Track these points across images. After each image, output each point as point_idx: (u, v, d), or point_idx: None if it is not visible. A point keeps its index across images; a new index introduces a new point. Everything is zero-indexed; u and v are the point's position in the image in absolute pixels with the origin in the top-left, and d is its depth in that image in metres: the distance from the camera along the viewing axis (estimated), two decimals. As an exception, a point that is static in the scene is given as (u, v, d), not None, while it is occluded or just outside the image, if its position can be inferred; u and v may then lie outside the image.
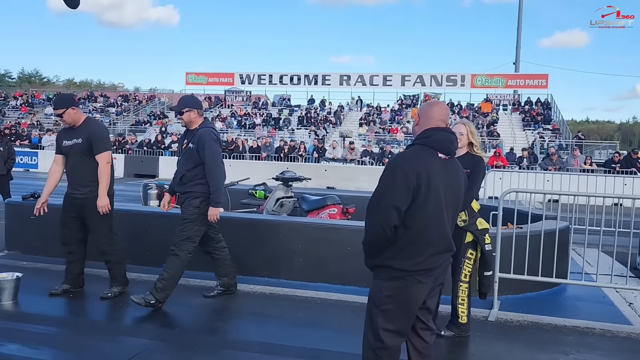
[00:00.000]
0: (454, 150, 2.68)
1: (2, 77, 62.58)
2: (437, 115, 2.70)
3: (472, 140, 4.06)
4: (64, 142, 4.88)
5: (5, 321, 4.25)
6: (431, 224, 2.53)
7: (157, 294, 4.44)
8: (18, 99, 33.51)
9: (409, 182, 2.46)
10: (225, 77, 33.09)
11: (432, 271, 2.58)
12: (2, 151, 8.85)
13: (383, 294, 2.56)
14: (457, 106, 27.86)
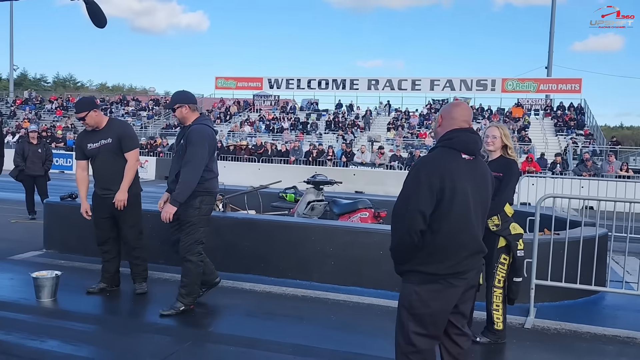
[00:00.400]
0: (478, 151, 2.63)
1: (37, 81, 64.43)
2: (460, 116, 2.65)
3: (507, 142, 4.01)
4: (88, 145, 4.90)
5: (46, 318, 4.36)
6: (459, 226, 2.50)
7: (185, 300, 4.46)
8: (53, 103, 34.41)
9: (432, 186, 2.43)
10: (254, 82, 33.37)
11: (464, 274, 2.54)
12: (40, 153, 9.09)
13: (414, 298, 2.53)
14: (488, 111, 27.51)
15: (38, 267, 5.42)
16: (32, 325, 4.17)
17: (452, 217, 2.47)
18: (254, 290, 5.24)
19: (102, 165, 4.90)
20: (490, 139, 4.04)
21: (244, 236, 5.73)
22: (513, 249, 3.92)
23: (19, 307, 4.57)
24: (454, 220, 2.48)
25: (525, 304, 4.70)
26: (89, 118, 4.82)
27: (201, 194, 4.43)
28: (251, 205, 7.29)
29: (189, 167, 4.30)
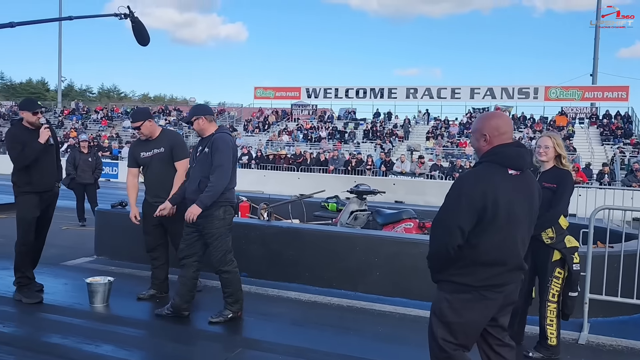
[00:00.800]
0: (526, 165, 2.57)
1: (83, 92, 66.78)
2: (509, 129, 2.60)
3: (560, 152, 3.91)
4: (141, 154, 5.07)
5: (99, 323, 4.48)
6: (499, 243, 2.47)
7: (232, 307, 4.50)
8: (99, 113, 35.55)
9: (474, 204, 2.42)
10: (292, 91, 33.71)
11: (499, 287, 2.52)
12: (91, 162, 9.40)
13: (444, 305, 2.54)
14: (530, 119, 26.96)
15: (90, 273, 5.58)
16: (87, 329, 4.29)
17: (492, 233, 2.46)
18: (299, 299, 5.26)
19: (153, 174, 5.05)
20: (543, 149, 3.95)
21: (289, 245, 5.77)
22: (569, 263, 3.81)
23: (74, 311, 4.72)
24: (494, 236, 2.46)
25: (579, 319, 4.55)
26: (144, 128, 4.98)
27: (224, 204, 4.44)
28: (295, 215, 7.33)
29: (219, 172, 4.31)
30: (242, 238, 5.92)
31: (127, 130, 31.10)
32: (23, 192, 4.86)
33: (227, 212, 4.48)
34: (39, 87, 64.69)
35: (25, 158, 4.76)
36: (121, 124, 32.79)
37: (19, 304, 4.81)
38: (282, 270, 5.74)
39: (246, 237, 5.92)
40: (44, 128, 4.85)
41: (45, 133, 4.83)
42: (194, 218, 4.32)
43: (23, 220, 4.88)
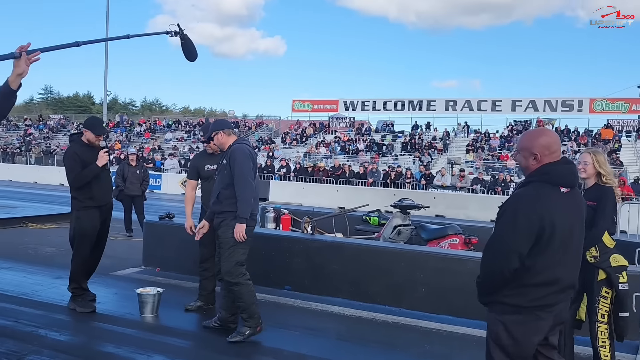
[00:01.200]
0: (576, 182, 2.56)
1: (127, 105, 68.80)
2: (558, 147, 2.56)
3: (600, 170, 3.76)
4: (206, 166, 5.21)
5: (150, 333, 4.59)
6: (553, 263, 2.44)
7: (249, 323, 4.39)
8: (142, 126, 36.54)
9: (532, 227, 2.39)
10: (330, 104, 33.90)
11: (551, 307, 2.48)
12: (138, 174, 9.67)
13: (500, 328, 2.50)
14: (574, 132, 26.28)
15: (139, 284, 5.74)
16: (138, 339, 4.40)
17: (548, 254, 2.42)
18: (343, 314, 5.26)
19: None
20: (582, 165, 3.84)
21: (333, 259, 5.79)
22: (614, 282, 3.66)
23: (126, 321, 4.85)
24: (550, 257, 2.43)
25: (635, 341, 4.41)
26: (216, 139, 4.93)
27: None
28: (338, 228, 7.35)
29: (241, 182, 4.32)
30: (286, 251, 5.97)
31: (169, 142, 31.85)
32: (85, 206, 5.04)
33: None
34: (85, 101, 67.08)
35: (83, 179, 4.96)
36: (163, 136, 33.60)
37: (73, 313, 4.98)
38: (326, 285, 5.75)
39: (289, 250, 5.97)
40: (104, 152, 5.03)
41: (104, 158, 5.02)
42: (243, 235, 4.32)
43: (84, 234, 5.05)
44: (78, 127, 36.53)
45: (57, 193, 19.26)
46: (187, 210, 5.30)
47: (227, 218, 4.39)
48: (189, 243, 6.53)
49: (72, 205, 5.12)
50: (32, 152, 30.30)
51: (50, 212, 11.23)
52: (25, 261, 7.10)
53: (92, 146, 5.06)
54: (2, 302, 5.16)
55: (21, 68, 2.60)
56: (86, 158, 4.99)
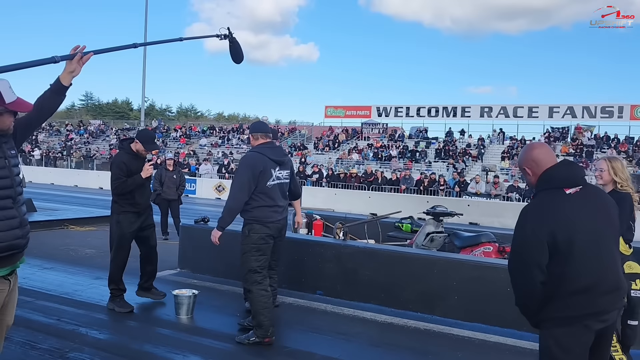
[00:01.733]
0: (581, 179, 2.52)
1: (163, 111, 70.29)
2: (545, 157, 2.58)
3: (614, 177, 3.71)
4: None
5: (185, 334, 4.70)
6: (586, 268, 2.39)
7: (257, 332, 4.41)
8: (178, 131, 37.28)
9: (541, 237, 2.39)
10: (363, 110, 33.86)
11: (602, 315, 2.42)
12: (175, 178, 9.90)
13: (552, 343, 2.44)
14: (614, 140, 25.56)
15: (175, 285, 5.87)
16: (175, 340, 4.52)
17: (575, 259, 2.38)
18: (374, 320, 5.27)
19: None
20: (598, 172, 3.81)
21: (365, 265, 5.80)
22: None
23: (162, 322, 4.99)
24: (578, 261, 2.39)
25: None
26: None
27: (249, 222, 4.50)
28: (370, 235, 7.36)
29: (231, 192, 4.49)
30: (318, 256, 6.02)
31: (204, 147, 32.38)
32: (124, 211, 5.26)
33: (252, 231, 4.48)
34: (124, 107, 68.84)
35: (126, 187, 5.17)
36: (198, 142, 34.19)
37: (112, 313, 5.14)
38: (357, 290, 5.77)
39: (322, 255, 6.02)
40: (149, 165, 5.22)
41: (149, 171, 5.22)
42: (215, 240, 4.56)
43: (122, 237, 5.26)
44: (117, 132, 37.55)
45: (96, 196, 19.84)
46: None
47: (244, 226, 4.53)
48: (223, 247, 6.68)
49: (113, 209, 5.31)
50: (72, 156, 31.30)
51: (90, 215, 11.59)
52: (67, 262, 7.36)
53: (139, 156, 5.25)
54: (45, 301, 5.37)
55: (73, 66, 2.72)
56: (132, 167, 5.20)
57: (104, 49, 3.03)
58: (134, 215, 5.27)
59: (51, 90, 2.76)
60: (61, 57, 2.68)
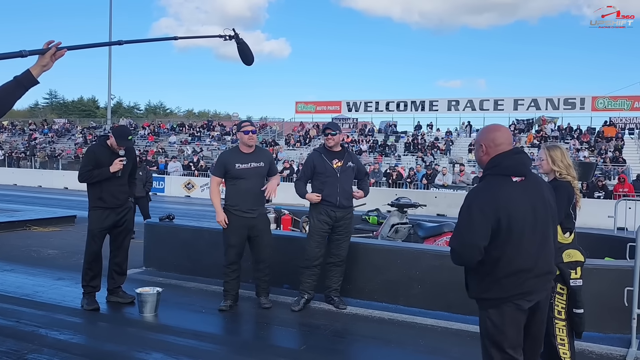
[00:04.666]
0: (527, 170, 2.64)
1: (131, 109, 69.18)
2: (504, 140, 2.69)
3: (553, 167, 3.67)
4: (236, 165, 5.18)
5: (149, 331, 4.67)
6: (519, 250, 2.52)
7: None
8: (146, 129, 36.72)
9: (486, 218, 2.49)
10: (333, 106, 33.97)
11: (529, 295, 2.57)
12: (141, 175, 9.77)
13: (488, 324, 2.60)
14: (577, 131, 26.23)
15: (139, 284, 5.80)
16: (138, 338, 4.48)
17: (512, 243, 2.51)
18: (340, 311, 5.32)
19: (251, 186, 5.21)
20: (538, 161, 3.84)
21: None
22: (565, 278, 3.55)
23: (126, 320, 4.94)
24: (515, 246, 2.52)
25: (627, 335, 4.45)
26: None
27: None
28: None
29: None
30: (284, 250, 6.03)
31: (173, 145, 31.99)
32: (94, 206, 5.19)
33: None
34: (90, 105, 67.49)
35: (90, 178, 5.09)
36: (167, 139, 33.76)
37: (74, 313, 5.06)
38: (324, 283, 5.79)
39: (288, 249, 6.04)
40: (119, 160, 5.13)
41: (117, 166, 5.11)
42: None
43: (90, 233, 5.21)
44: (83, 131, 36.77)
45: (61, 197, 19.43)
46: (215, 204, 5.25)
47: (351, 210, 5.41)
48: (189, 244, 6.67)
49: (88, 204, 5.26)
50: (37, 156, 30.52)
51: (53, 215, 11.34)
52: (28, 263, 7.20)
53: (112, 151, 5.18)
54: (4, 303, 5.26)
55: (46, 60, 2.65)
56: (102, 159, 5.13)
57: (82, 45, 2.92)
58: (104, 211, 5.18)
59: (17, 81, 2.64)
60: (29, 52, 2.60)
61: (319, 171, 5.34)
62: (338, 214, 5.26)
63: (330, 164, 5.29)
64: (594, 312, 4.80)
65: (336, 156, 5.35)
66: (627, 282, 4.43)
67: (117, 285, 5.43)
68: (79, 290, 5.29)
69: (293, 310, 5.23)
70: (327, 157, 5.33)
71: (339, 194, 5.24)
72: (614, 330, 4.69)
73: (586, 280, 4.84)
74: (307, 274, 5.33)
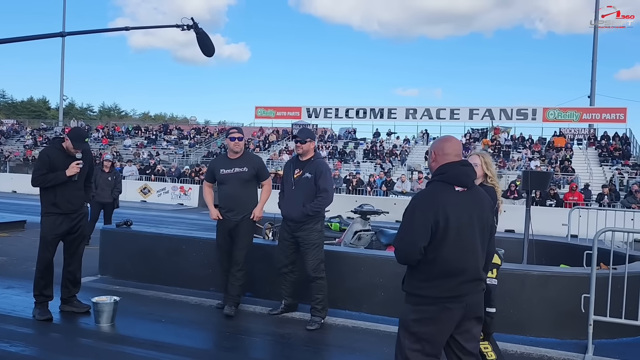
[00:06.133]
0: (470, 182, 2.80)
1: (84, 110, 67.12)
2: (452, 151, 2.84)
3: (486, 171, 3.80)
4: (221, 170, 5.36)
5: (106, 343, 4.49)
6: (455, 256, 2.67)
7: (323, 313, 5.09)
8: (100, 132, 35.69)
9: (427, 221, 2.64)
10: (293, 111, 33.93)
11: (460, 298, 2.69)
12: (110, 181, 9.46)
13: (410, 318, 2.72)
14: (528, 140, 27.11)
15: (95, 292, 5.59)
16: (95, 349, 4.31)
17: (447, 247, 2.66)
18: (303, 319, 5.27)
19: (232, 191, 5.36)
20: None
21: (294, 265, 5.78)
22: None
23: (81, 331, 4.74)
24: (449, 249, 2.66)
25: (584, 340, 4.59)
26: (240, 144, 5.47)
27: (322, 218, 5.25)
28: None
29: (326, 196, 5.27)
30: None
31: (128, 148, 31.22)
32: (47, 212, 4.94)
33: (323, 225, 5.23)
34: (40, 106, 65.11)
35: (45, 181, 4.86)
36: (122, 143, 32.92)
37: (25, 323, 4.82)
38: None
39: (251, 256, 5.94)
40: (76, 164, 4.92)
41: (74, 169, 4.91)
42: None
43: (43, 240, 4.96)
44: (32, 132, 35.40)
45: (9, 200, 18.61)
46: (208, 203, 5.60)
47: (310, 222, 5.04)
48: (148, 251, 6.48)
49: (40, 210, 5.01)
50: (-18, 158, 29.16)
51: (1, 220, 10.83)
52: (-26, 271, 6.83)
53: (67, 154, 4.95)
54: (-51, 314, 4.96)
55: None
56: (57, 163, 4.90)
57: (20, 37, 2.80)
58: (58, 217, 4.94)
59: None
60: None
61: (284, 181, 5.32)
62: (292, 226, 5.17)
63: (292, 174, 5.22)
64: (552, 318, 4.95)
65: (300, 165, 5.22)
66: (584, 289, 4.57)
67: (71, 294, 5.21)
68: (31, 300, 5.05)
69: (270, 314, 5.32)
70: (295, 166, 5.26)
71: (289, 206, 5.16)
72: (571, 336, 4.83)
73: (544, 287, 5.01)
74: (280, 281, 5.37)
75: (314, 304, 5.07)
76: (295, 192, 5.14)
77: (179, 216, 16.69)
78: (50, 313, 4.94)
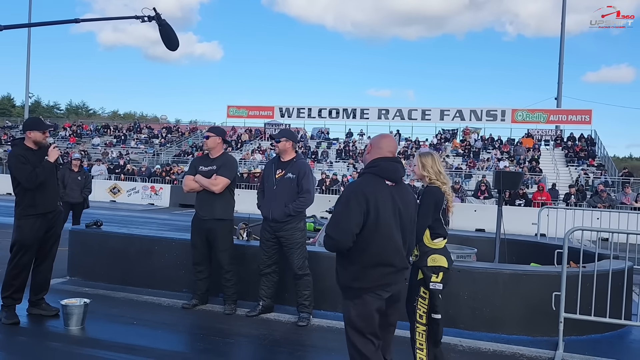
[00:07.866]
0: (399, 178, 2.96)
1: (51, 108, 65.49)
2: (386, 147, 3.02)
3: (423, 172, 3.71)
4: (200, 167, 5.47)
5: (76, 346, 4.38)
6: (384, 245, 2.83)
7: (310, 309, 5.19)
8: (67, 130, 34.90)
9: (360, 208, 2.78)
10: (266, 111, 33.75)
11: (388, 286, 2.87)
12: (80, 180, 9.22)
13: (353, 314, 2.87)
14: (497, 141, 27.60)
15: (64, 295, 5.45)
16: (64, 353, 4.21)
17: (377, 237, 2.81)
18: (279, 320, 5.25)
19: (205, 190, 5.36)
20: (412, 167, 3.97)
21: (268, 266, 5.74)
22: (426, 281, 3.52)
23: (50, 334, 4.62)
24: (379, 240, 2.82)
25: (554, 338, 4.68)
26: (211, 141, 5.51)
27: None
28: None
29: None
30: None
31: (97, 147, 30.61)
32: (26, 214, 4.76)
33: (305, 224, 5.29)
34: (5, 103, 63.26)
35: (37, 177, 4.67)
36: (90, 142, 32.25)
37: (-10, 328, 4.67)
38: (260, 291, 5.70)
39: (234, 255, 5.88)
40: (53, 147, 4.80)
41: (55, 152, 4.78)
42: None
43: (22, 244, 4.76)
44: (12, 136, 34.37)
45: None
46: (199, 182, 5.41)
47: (292, 222, 5.07)
48: (118, 252, 6.35)
49: (15, 213, 4.81)
50: (-57, 157, 28.16)
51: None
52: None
53: (37, 149, 4.79)
54: None
55: None
56: (33, 161, 4.72)
57: None
58: (37, 218, 4.78)
59: None
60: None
61: (265, 181, 5.30)
62: (274, 226, 5.17)
63: (274, 174, 5.20)
64: (523, 316, 5.03)
65: (282, 166, 5.22)
66: (555, 287, 4.66)
67: (39, 297, 5.05)
68: (-4, 303, 4.89)
69: (247, 316, 5.28)
70: (277, 166, 5.25)
71: (271, 207, 5.15)
72: (542, 333, 4.92)
73: (516, 286, 5.09)
74: (261, 281, 5.36)
75: (302, 300, 5.15)
76: (276, 192, 5.13)
77: (150, 216, 16.46)
78: (18, 317, 4.79)
